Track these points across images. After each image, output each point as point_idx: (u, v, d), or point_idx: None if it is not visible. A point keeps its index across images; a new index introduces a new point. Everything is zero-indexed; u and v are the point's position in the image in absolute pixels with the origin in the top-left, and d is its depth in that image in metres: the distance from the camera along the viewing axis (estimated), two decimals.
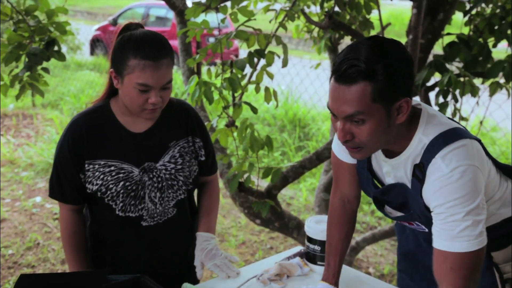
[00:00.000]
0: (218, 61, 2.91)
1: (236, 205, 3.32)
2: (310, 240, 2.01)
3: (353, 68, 1.40)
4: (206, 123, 2.90)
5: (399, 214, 1.76)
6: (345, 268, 2.00)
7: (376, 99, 1.42)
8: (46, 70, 3.06)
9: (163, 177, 1.93)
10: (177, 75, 7.87)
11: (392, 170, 1.65)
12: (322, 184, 3.61)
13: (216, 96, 2.83)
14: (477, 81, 2.93)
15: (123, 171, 1.88)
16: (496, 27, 2.73)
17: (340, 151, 1.81)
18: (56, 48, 3.03)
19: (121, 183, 1.87)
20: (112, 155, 1.88)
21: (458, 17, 2.93)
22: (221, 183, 5.04)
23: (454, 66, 2.79)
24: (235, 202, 3.31)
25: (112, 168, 1.87)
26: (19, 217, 4.74)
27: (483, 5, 2.86)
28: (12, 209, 4.90)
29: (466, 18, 2.80)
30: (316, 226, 2.00)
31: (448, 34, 2.80)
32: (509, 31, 2.74)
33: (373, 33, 3.35)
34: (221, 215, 4.86)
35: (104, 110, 1.92)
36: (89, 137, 1.87)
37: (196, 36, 2.91)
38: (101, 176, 1.87)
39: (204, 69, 4.60)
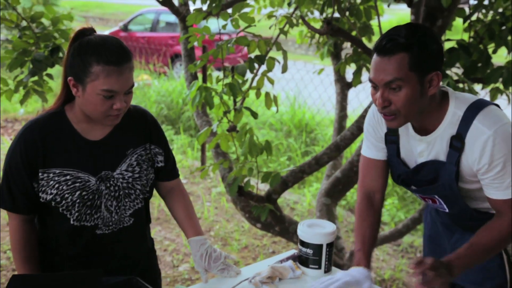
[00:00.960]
0: (228, 64, 2.93)
1: (238, 209, 3.34)
2: (303, 243, 2.01)
3: (393, 41, 1.65)
4: (206, 128, 2.96)
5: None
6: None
7: (412, 68, 1.65)
8: (50, 76, 3.09)
9: (120, 186, 1.89)
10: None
11: (428, 148, 1.82)
12: (323, 189, 3.61)
13: (217, 101, 2.86)
14: (477, 87, 2.95)
15: (79, 180, 1.83)
16: (496, 33, 2.73)
17: (369, 150, 2.03)
18: (60, 54, 3.05)
19: (77, 192, 1.82)
20: (68, 163, 1.82)
21: (459, 22, 2.93)
22: (223, 188, 5.10)
23: (454, 72, 2.80)
24: (236, 207, 3.33)
25: (68, 177, 1.82)
26: None
27: (483, 11, 2.87)
28: None
29: (466, 24, 2.81)
30: (309, 230, 2.00)
31: (448, 40, 2.81)
32: (509, 37, 2.74)
33: (374, 39, 3.36)
34: (224, 219, 4.87)
35: (59, 117, 1.85)
36: (43, 144, 1.81)
37: (198, 42, 2.95)
38: (56, 185, 1.81)
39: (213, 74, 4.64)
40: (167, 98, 8.02)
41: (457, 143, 1.74)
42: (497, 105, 1.79)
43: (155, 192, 2.11)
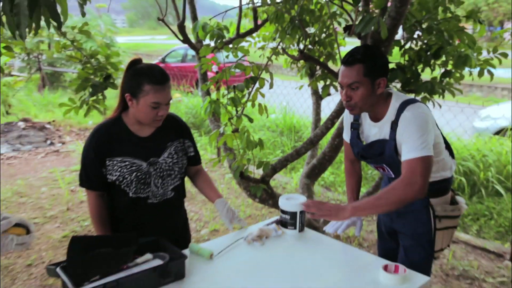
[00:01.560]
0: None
1: (241, 189, 3.34)
2: (282, 211, 2.01)
3: (353, 56, 1.79)
4: (216, 130, 2.96)
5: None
6: (316, 235, 2.04)
7: (366, 74, 1.78)
8: (104, 96, 3.11)
9: (163, 168, 1.93)
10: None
11: (379, 131, 1.90)
12: (304, 173, 3.59)
13: (223, 111, 2.87)
14: (411, 96, 2.95)
15: (135, 165, 1.88)
16: (423, 58, 2.74)
17: (346, 135, 2.12)
18: (111, 80, 3.08)
19: (134, 173, 1.87)
20: (126, 153, 1.87)
21: (396, 50, 2.92)
22: (230, 173, 5.12)
23: (393, 86, 2.79)
24: (240, 187, 3.32)
25: (127, 163, 1.87)
26: None
27: (414, 42, 2.87)
28: None
29: (402, 51, 2.80)
30: (287, 202, 2.00)
31: (389, 62, 2.80)
32: (432, 61, 2.74)
33: (336, 63, 3.36)
34: (234, 197, 4.86)
35: (118, 122, 1.90)
36: (108, 141, 1.86)
37: (208, 68, 2.95)
38: (119, 169, 1.86)
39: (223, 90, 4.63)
40: (193, 110, 8.03)
41: (394, 126, 1.82)
42: (423, 102, 1.89)
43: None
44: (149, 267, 1.56)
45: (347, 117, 2.09)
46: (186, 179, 2.13)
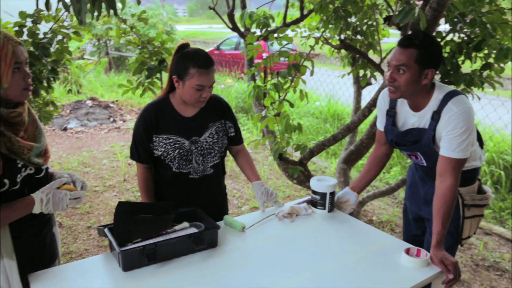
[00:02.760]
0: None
1: (280, 170, 3.35)
2: (313, 192, 2.02)
3: (410, 40, 1.66)
4: (258, 113, 2.98)
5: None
6: (344, 216, 2.03)
7: (417, 61, 1.66)
8: (158, 78, 3.18)
9: (204, 146, 1.95)
10: None
11: (418, 120, 1.81)
12: (342, 158, 3.55)
13: (267, 95, 2.88)
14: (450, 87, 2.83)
15: (178, 142, 1.90)
16: (464, 50, 2.61)
17: (379, 124, 2.02)
18: (165, 64, 3.15)
19: (177, 150, 1.90)
20: (171, 131, 1.90)
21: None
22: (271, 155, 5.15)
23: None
24: (279, 168, 3.34)
25: (171, 140, 1.90)
26: None
27: (455, 34, 2.74)
28: None
29: (443, 42, 2.68)
30: (318, 183, 2.00)
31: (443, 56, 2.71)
32: (473, 54, 2.61)
33: (377, 53, 3.26)
34: (275, 178, 4.89)
35: (165, 102, 1.93)
36: (156, 119, 1.90)
37: (254, 55, 2.96)
38: (164, 146, 1.90)
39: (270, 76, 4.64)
40: (242, 95, 8.05)
41: (436, 116, 1.73)
42: (465, 95, 1.77)
43: (229, 156, 2.17)
44: (184, 234, 1.62)
45: (381, 105, 1.99)
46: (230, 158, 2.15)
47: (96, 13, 1.87)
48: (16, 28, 2.65)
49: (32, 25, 2.72)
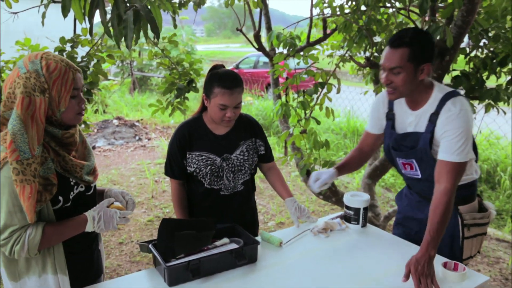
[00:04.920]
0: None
1: (307, 186, 3.35)
2: (347, 207, 2.02)
3: (400, 39, 1.61)
4: (285, 131, 3.01)
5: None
6: (377, 230, 2.03)
7: (410, 59, 1.60)
8: (187, 98, 3.24)
9: (235, 164, 1.96)
10: None
11: (415, 119, 1.74)
12: (366, 173, 3.55)
13: (292, 113, 2.91)
14: (475, 103, 2.82)
15: (210, 159, 1.93)
16: (488, 65, 2.61)
17: (369, 126, 1.97)
18: (193, 84, 3.22)
19: (208, 167, 1.93)
20: (204, 148, 1.93)
21: (462, 57, 2.81)
22: (297, 172, 5.14)
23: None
24: (305, 184, 3.35)
25: (203, 157, 1.93)
26: None
27: (479, 50, 2.74)
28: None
29: (467, 59, 2.69)
30: (351, 198, 2.00)
31: (454, 70, 2.70)
32: (498, 69, 2.61)
33: None
34: (299, 193, 4.89)
35: (198, 120, 1.97)
36: (189, 137, 1.93)
37: (281, 74, 3.01)
38: (196, 162, 1.93)
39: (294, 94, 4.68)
40: (263, 112, 8.15)
41: (434, 118, 1.66)
42: (465, 97, 1.70)
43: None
44: (226, 250, 1.64)
45: (379, 108, 1.90)
46: (260, 175, 2.17)
47: (140, 38, 1.96)
48: (57, 53, 2.76)
49: (71, 50, 2.82)
